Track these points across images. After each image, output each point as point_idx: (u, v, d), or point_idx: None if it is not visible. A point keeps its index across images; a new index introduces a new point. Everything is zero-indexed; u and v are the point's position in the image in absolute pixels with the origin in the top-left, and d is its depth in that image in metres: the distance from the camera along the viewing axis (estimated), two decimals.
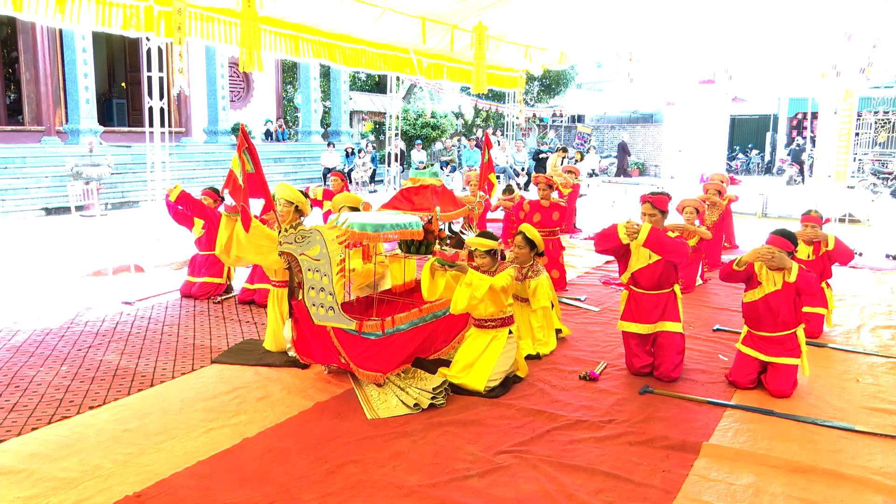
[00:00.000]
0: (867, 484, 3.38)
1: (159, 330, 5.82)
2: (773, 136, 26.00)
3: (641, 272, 4.80)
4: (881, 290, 7.54)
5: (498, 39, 10.15)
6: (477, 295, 4.39)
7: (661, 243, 4.57)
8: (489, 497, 3.23)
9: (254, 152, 4.61)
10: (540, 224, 7.00)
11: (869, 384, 4.75)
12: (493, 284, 4.40)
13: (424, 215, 5.06)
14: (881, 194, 15.40)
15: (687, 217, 7.25)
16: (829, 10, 8.77)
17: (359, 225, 4.56)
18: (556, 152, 17.30)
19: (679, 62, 14.80)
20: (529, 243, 5.32)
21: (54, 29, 15.27)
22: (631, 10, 8.90)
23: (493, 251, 4.69)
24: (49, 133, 15.99)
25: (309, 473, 3.42)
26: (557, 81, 29.33)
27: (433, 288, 4.73)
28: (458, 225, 6.94)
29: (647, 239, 4.54)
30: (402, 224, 4.77)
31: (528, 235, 5.34)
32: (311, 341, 4.56)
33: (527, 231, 5.38)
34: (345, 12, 7.82)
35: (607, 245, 4.82)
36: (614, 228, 4.74)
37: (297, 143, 21.81)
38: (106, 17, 6.17)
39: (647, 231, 4.54)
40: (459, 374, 4.53)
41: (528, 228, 5.42)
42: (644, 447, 3.76)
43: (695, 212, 7.25)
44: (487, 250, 4.65)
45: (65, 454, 3.58)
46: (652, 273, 4.77)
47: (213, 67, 18.85)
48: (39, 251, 9.31)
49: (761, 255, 4.47)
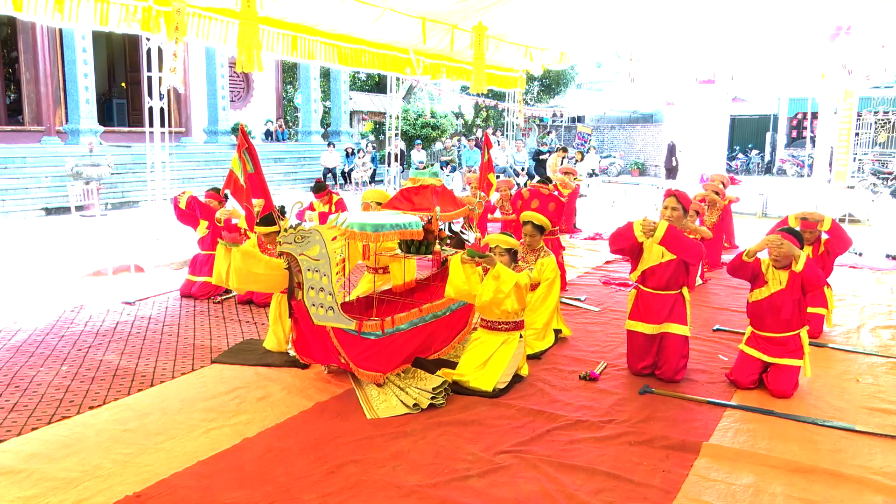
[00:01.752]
0: (867, 484, 3.38)
1: (159, 330, 5.82)
2: (773, 136, 26.01)
3: (652, 270, 4.79)
4: (881, 290, 7.54)
5: (498, 39, 10.15)
6: (504, 289, 4.40)
7: (677, 241, 4.56)
8: (489, 497, 3.23)
9: (254, 152, 4.61)
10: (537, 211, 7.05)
11: (869, 384, 4.75)
12: (519, 281, 4.44)
13: (424, 215, 5.06)
14: (881, 194, 15.39)
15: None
16: (829, 9, 8.77)
17: (359, 225, 4.56)
18: (556, 152, 17.31)
19: (679, 62, 14.80)
20: (538, 229, 5.59)
21: (54, 29, 15.27)
22: (631, 11, 8.90)
23: (512, 250, 4.72)
24: (49, 133, 15.99)
25: (309, 473, 3.42)
26: (557, 81, 29.34)
27: (470, 280, 4.53)
28: (458, 225, 6.94)
29: (664, 236, 4.53)
30: (402, 224, 4.77)
31: (535, 222, 5.60)
32: (310, 341, 4.56)
33: (534, 218, 5.63)
34: (345, 12, 7.82)
35: (622, 244, 4.81)
36: (630, 227, 4.73)
37: (297, 143, 21.81)
38: (105, 16, 6.17)
39: (665, 228, 4.53)
40: (468, 375, 4.51)
41: (533, 215, 5.66)
42: (644, 447, 3.76)
43: (694, 214, 7.25)
44: (507, 248, 4.67)
45: (65, 454, 3.57)
46: (663, 273, 4.76)
47: (213, 67, 18.85)
48: (39, 251, 9.31)
49: (771, 242, 4.47)
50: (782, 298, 4.50)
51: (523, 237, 5.64)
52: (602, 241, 10.58)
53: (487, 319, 4.66)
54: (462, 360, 4.67)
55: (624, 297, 7.13)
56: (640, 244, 4.75)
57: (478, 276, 4.58)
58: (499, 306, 4.51)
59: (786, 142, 25.60)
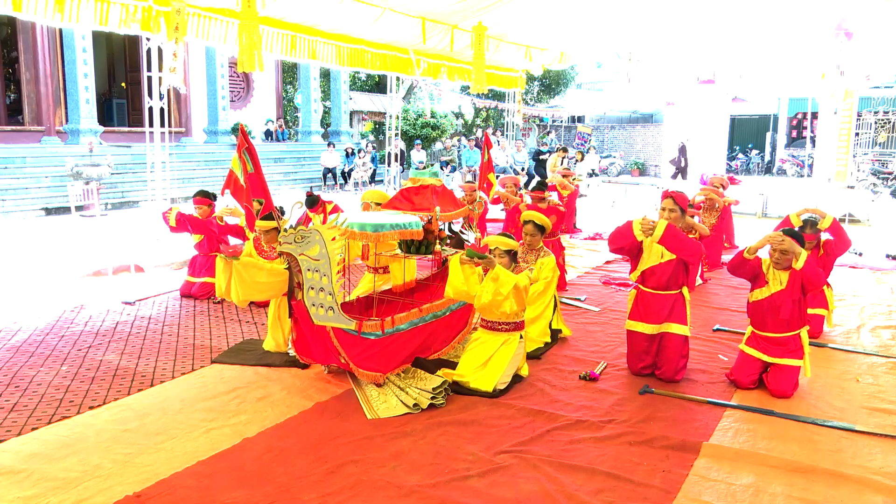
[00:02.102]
0: (867, 484, 3.38)
1: (159, 330, 5.82)
2: (773, 136, 26.01)
3: (652, 270, 4.79)
4: (881, 290, 7.54)
5: (498, 39, 10.15)
6: (503, 291, 4.40)
7: (676, 240, 4.57)
8: (489, 497, 3.23)
9: (253, 152, 4.62)
10: None
11: (869, 384, 4.75)
12: (518, 283, 4.44)
13: (424, 215, 5.06)
14: (881, 194, 15.39)
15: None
16: (829, 9, 8.77)
17: (358, 225, 4.56)
18: (556, 152, 17.31)
19: (679, 62, 14.80)
20: (539, 229, 5.60)
21: (54, 29, 15.27)
22: (631, 11, 8.90)
23: (512, 251, 4.72)
24: (49, 133, 15.99)
25: (309, 473, 3.42)
26: (557, 81, 29.34)
27: (469, 281, 4.54)
28: (457, 225, 6.94)
29: (662, 235, 4.54)
30: (402, 224, 4.77)
31: (536, 222, 5.61)
32: (310, 341, 4.56)
33: (535, 218, 5.63)
34: (345, 12, 7.82)
35: (621, 243, 4.82)
36: (629, 226, 4.74)
37: (297, 143, 21.81)
38: (105, 17, 6.17)
39: (664, 227, 4.54)
40: (468, 375, 4.52)
41: (534, 215, 5.66)
42: (644, 447, 3.76)
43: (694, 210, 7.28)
44: (507, 250, 4.67)
45: (65, 454, 3.58)
46: (662, 272, 4.76)
47: (213, 67, 18.85)
48: (39, 251, 9.31)
49: (772, 238, 4.48)
50: (782, 298, 4.49)
51: (524, 237, 5.65)
52: (602, 241, 10.58)
53: (487, 320, 4.67)
54: (462, 361, 4.67)
55: (624, 297, 7.13)
56: (639, 243, 4.75)
57: (477, 276, 4.58)
58: (498, 308, 4.51)
59: (786, 142, 25.59)
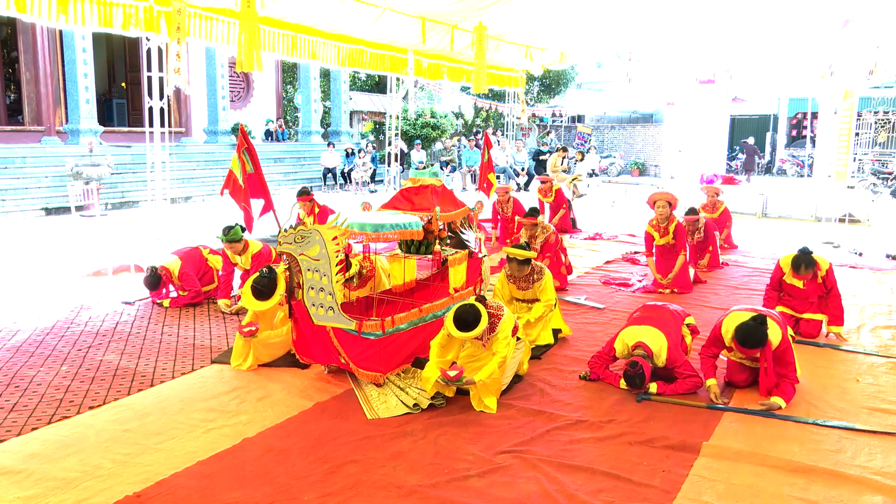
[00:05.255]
0: (867, 484, 3.38)
1: (159, 330, 5.82)
2: (773, 136, 26.00)
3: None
4: (881, 290, 7.53)
5: (498, 39, 10.16)
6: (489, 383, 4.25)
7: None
8: (489, 497, 3.23)
9: (253, 153, 4.63)
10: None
11: (869, 384, 4.75)
12: (500, 366, 4.24)
13: (424, 215, 5.06)
14: (881, 194, 15.38)
15: (660, 211, 7.30)
16: (829, 9, 8.76)
17: (358, 225, 4.56)
18: (556, 152, 17.31)
19: (679, 62, 14.78)
20: (523, 262, 5.42)
21: (54, 29, 15.27)
22: (631, 11, 8.90)
23: (528, 260, 4.75)
24: (49, 133, 15.99)
25: (309, 473, 3.43)
26: (557, 81, 29.34)
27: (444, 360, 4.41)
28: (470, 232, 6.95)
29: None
30: (402, 224, 4.77)
31: (520, 259, 5.39)
32: (310, 341, 4.56)
33: (517, 255, 5.40)
34: (344, 12, 7.82)
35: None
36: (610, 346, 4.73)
37: (297, 143, 21.80)
38: (107, 18, 6.18)
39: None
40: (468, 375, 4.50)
41: (515, 252, 5.42)
42: (644, 447, 3.76)
43: (667, 205, 7.31)
44: (523, 260, 4.68)
45: (65, 454, 3.58)
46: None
47: (213, 67, 18.85)
48: (39, 251, 9.31)
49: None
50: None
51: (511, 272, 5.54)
52: (602, 240, 10.58)
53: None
54: (461, 361, 4.66)
55: (624, 297, 7.14)
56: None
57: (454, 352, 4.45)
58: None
59: (786, 142, 25.59)
